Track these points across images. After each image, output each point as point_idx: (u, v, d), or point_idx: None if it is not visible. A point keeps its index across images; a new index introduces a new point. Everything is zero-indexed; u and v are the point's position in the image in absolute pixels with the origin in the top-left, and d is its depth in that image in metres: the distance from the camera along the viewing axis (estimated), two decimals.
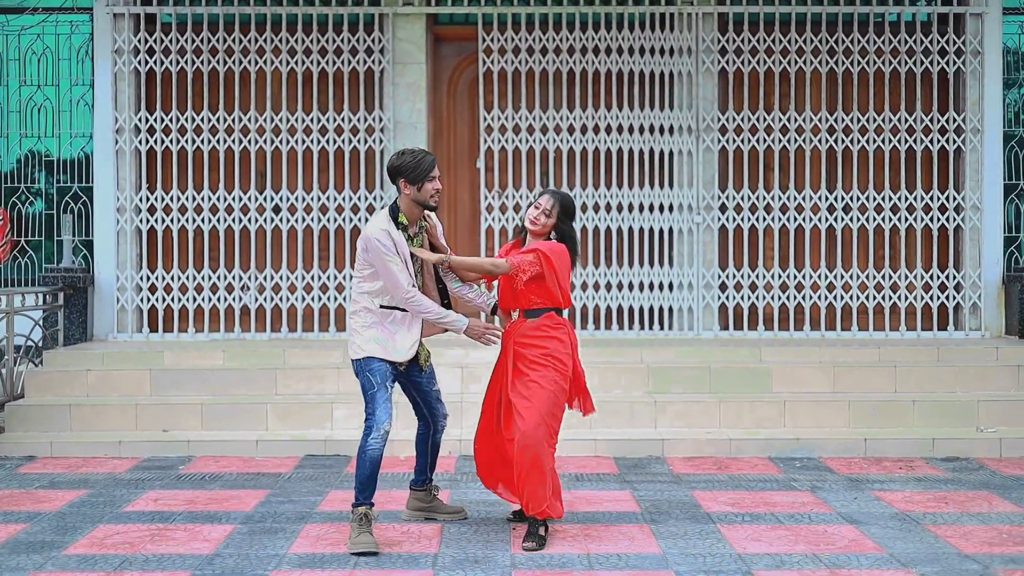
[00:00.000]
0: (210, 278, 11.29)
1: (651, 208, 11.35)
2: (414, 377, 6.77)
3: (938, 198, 11.40)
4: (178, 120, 11.29)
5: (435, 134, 11.60)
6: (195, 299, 11.29)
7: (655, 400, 9.51)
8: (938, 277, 11.41)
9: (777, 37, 11.35)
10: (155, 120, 11.28)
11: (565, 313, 6.76)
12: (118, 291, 11.21)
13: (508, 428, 6.61)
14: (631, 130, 11.36)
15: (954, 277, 11.39)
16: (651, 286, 11.36)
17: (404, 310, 6.49)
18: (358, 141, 11.32)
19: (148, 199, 11.30)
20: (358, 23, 11.34)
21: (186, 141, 11.28)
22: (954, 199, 11.40)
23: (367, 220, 11.16)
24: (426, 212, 6.61)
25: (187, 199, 11.27)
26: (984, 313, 11.34)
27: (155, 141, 11.29)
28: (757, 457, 9.03)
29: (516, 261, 6.55)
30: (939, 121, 11.39)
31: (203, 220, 11.28)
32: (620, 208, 11.32)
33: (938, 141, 11.40)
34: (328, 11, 11.28)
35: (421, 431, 7.00)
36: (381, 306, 6.49)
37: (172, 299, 11.30)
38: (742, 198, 11.35)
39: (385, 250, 6.34)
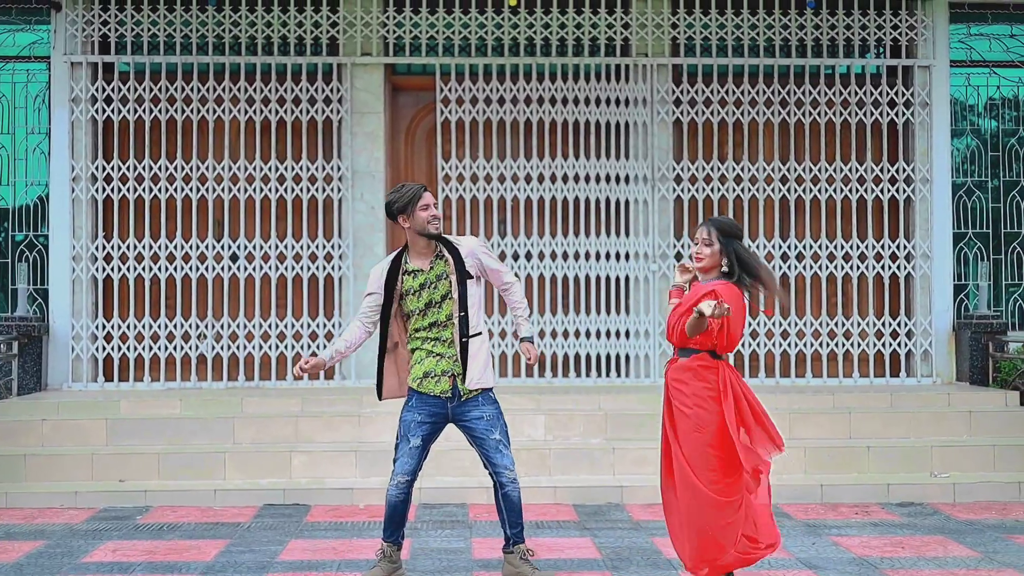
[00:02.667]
0: (167, 326, 11.25)
1: (607, 256, 11.45)
2: (466, 421, 6.49)
3: (889, 246, 11.58)
4: (135, 168, 11.28)
5: (393, 183, 11.65)
6: (151, 347, 11.24)
7: (613, 447, 9.56)
8: (890, 324, 11.57)
9: (730, 88, 11.54)
10: (112, 168, 11.26)
11: (729, 357, 6.15)
12: (73, 340, 11.14)
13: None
14: (587, 179, 11.48)
15: (905, 324, 11.57)
16: (608, 334, 11.44)
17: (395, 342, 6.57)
18: (316, 190, 11.36)
19: (104, 247, 11.26)
20: (316, 73, 11.41)
21: (143, 189, 11.27)
22: (904, 247, 11.59)
23: (324, 268, 11.23)
24: (451, 243, 6.53)
25: (144, 247, 11.25)
26: (935, 360, 11.51)
27: (112, 189, 11.27)
28: None
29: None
30: (889, 171, 11.61)
31: (160, 268, 11.25)
32: (577, 256, 11.42)
33: (888, 190, 11.60)
34: (287, 61, 11.34)
35: (494, 486, 6.57)
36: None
37: (128, 348, 11.24)
38: None
39: (368, 285, 6.58)
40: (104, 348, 11.25)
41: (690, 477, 5.97)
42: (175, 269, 11.27)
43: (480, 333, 6.49)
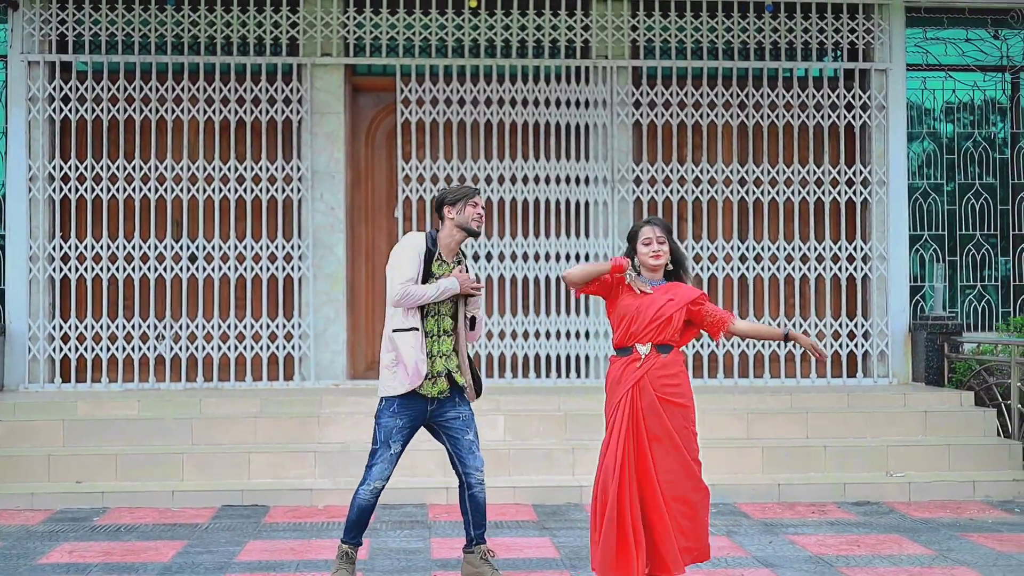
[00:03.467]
0: (125, 327, 11.18)
1: (567, 257, 11.48)
2: (441, 420, 6.49)
3: (846, 248, 11.68)
4: (93, 168, 11.21)
5: (353, 184, 11.65)
6: (109, 348, 11.17)
7: (573, 447, 9.58)
8: (847, 325, 11.67)
9: (690, 91, 11.60)
10: (70, 168, 11.19)
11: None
12: (30, 340, 11.05)
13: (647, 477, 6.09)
14: (547, 181, 11.51)
15: (862, 325, 11.66)
16: (568, 335, 11.47)
17: (414, 330, 6.38)
18: (276, 190, 11.33)
19: (62, 247, 11.18)
20: (276, 73, 11.39)
21: (101, 189, 11.20)
22: (861, 249, 11.69)
23: (284, 269, 11.21)
24: (456, 257, 6.57)
25: (102, 247, 11.18)
26: (892, 360, 11.61)
27: (69, 189, 11.19)
28: None
29: (720, 312, 6.28)
30: (846, 173, 11.71)
31: (118, 269, 11.19)
32: (537, 257, 11.44)
33: (845, 193, 11.70)
34: (246, 61, 11.31)
35: (460, 487, 6.58)
36: (393, 330, 6.42)
37: (86, 348, 11.17)
38: None
39: (411, 253, 6.38)
40: (61, 349, 11.17)
41: (694, 471, 6.11)
42: (133, 269, 11.21)
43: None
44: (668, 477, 6.04)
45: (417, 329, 6.37)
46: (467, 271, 6.58)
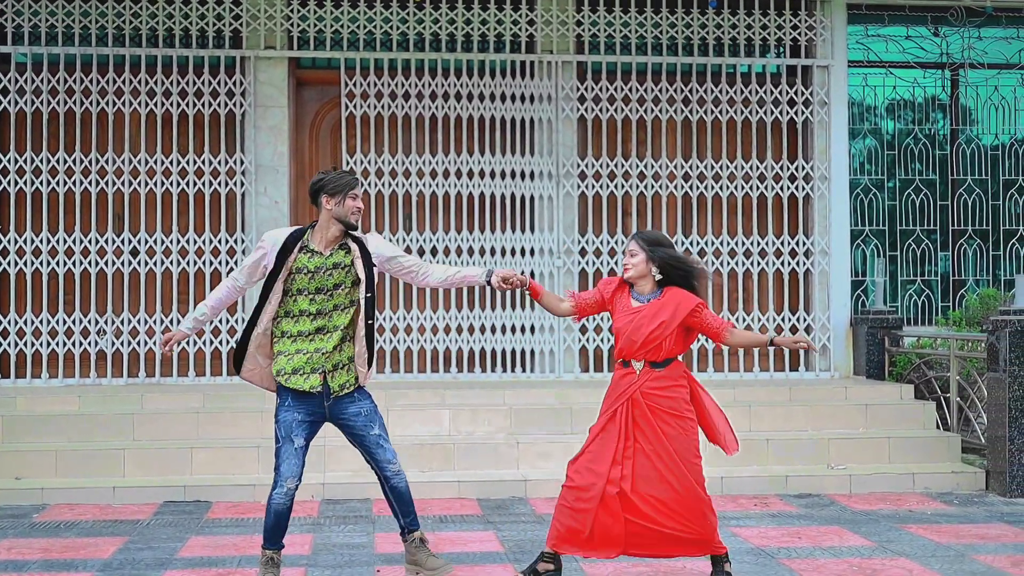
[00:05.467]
0: (65, 322, 11.05)
1: (513, 252, 11.49)
2: (343, 419, 6.30)
3: (788, 243, 11.78)
4: (32, 161, 11.06)
5: (297, 177, 11.58)
6: (50, 343, 11.04)
7: (518, 441, 9.60)
8: (789, 319, 11.77)
9: (634, 86, 11.64)
10: (8, 161, 11.04)
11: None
12: None
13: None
14: (493, 175, 11.51)
15: (804, 319, 11.77)
16: (513, 329, 11.48)
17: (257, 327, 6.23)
18: (219, 184, 11.24)
19: (1, 241, 11.03)
20: (219, 66, 11.30)
21: (41, 182, 11.06)
22: (804, 244, 11.79)
23: (227, 263, 11.13)
24: (357, 237, 6.31)
25: (41, 241, 11.04)
26: (833, 354, 11.72)
27: (8, 182, 11.04)
28: None
29: (726, 323, 6.37)
30: (788, 169, 11.80)
31: (58, 263, 11.05)
32: (482, 252, 11.44)
33: (788, 188, 11.80)
34: (189, 53, 11.21)
35: (379, 481, 6.46)
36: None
37: (25, 343, 11.03)
38: (601, 242, 11.57)
39: (260, 244, 6.28)
40: (1, 344, 11.02)
41: (687, 481, 6.31)
42: (74, 263, 11.08)
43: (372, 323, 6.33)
44: (648, 488, 6.17)
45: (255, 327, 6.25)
46: (353, 251, 6.25)
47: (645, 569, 6.13)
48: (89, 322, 11.08)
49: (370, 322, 6.26)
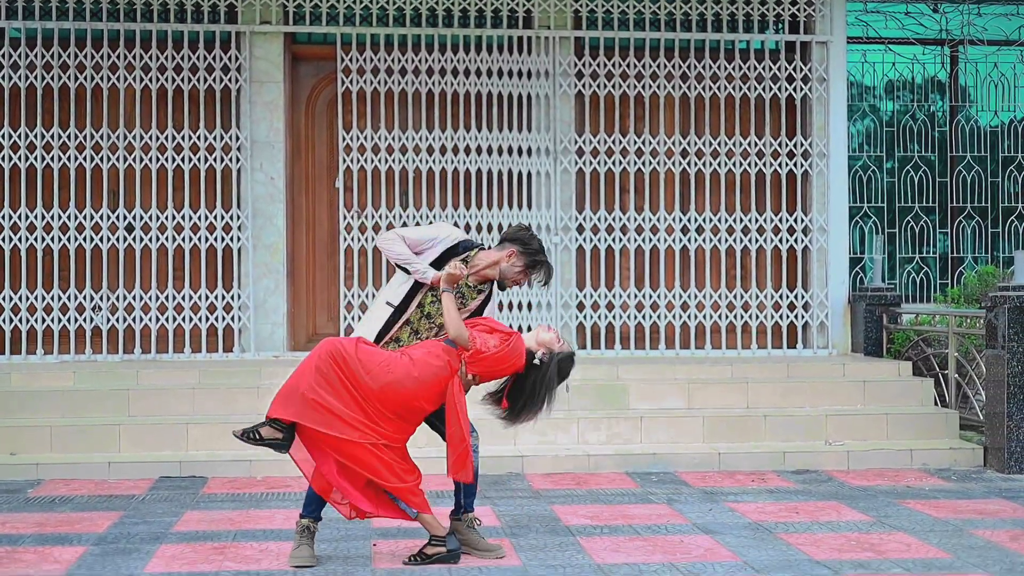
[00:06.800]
0: (60, 298, 11.00)
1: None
2: None
3: (786, 220, 11.72)
4: (27, 136, 11.00)
5: (293, 153, 11.52)
6: (44, 320, 10.99)
7: None
8: (787, 297, 11.73)
9: (632, 62, 11.58)
10: (3, 136, 10.97)
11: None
12: None
13: None
14: (490, 151, 11.45)
15: (802, 297, 11.73)
16: (511, 306, 11.43)
17: (391, 304, 6.39)
18: (214, 160, 11.18)
19: None
20: (214, 41, 11.21)
21: (35, 158, 11.00)
22: (802, 221, 11.74)
23: (223, 240, 11.08)
24: (481, 285, 6.52)
25: (36, 217, 10.98)
26: (831, 331, 11.68)
27: (3, 158, 10.98)
28: (615, 472, 9.16)
29: (478, 342, 6.23)
30: (787, 145, 11.74)
31: (53, 239, 11.00)
32: (479, 228, 11.38)
33: (786, 165, 11.74)
34: (183, 28, 11.13)
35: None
36: (387, 302, 6.45)
37: (20, 320, 10.98)
38: (599, 219, 11.53)
39: (435, 231, 6.43)
40: None
41: None
42: (69, 240, 11.02)
43: None
44: None
45: (394, 308, 6.36)
46: (475, 301, 6.50)
47: (661, 557, 6.10)
48: (84, 298, 11.03)
49: None
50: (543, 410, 6.45)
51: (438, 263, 6.40)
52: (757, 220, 11.70)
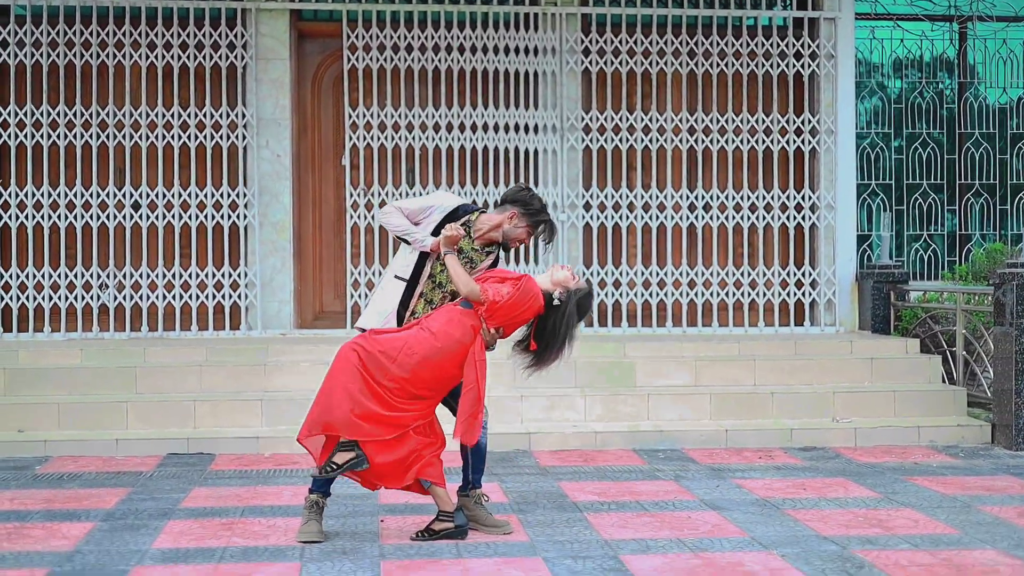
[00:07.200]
0: (67, 276, 11.01)
1: None
2: None
3: (794, 197, 11.68)
4: (33, 114, 10.97)
5: (299, 131, 11.50)
6: (51, 297, 10.99)
7: (521, 395, 9.56)
8: (795, 274, 11.70)
9: (639, 39, 11.52)
10: (8, 114, 10.95)
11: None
12: None
13: None
14: (496, 128, 11.42)
15: (810, 274, 11.69)
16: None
17: (401, 278, 6.40)
18: (220, 137, 11.15)
19: (1, 195, 10.97)
20: (220, 18, 11.18)
21: (41, 136, 10.98)
22: (809, 198, 11.69)
23: (229, 217, 11.07)
24: (488, 248, 6.52)
25: (42, 195, 10.97)
26: (839, 309, 11.66)
27: (9, 136, 10.96)
28: (622, 449, 9.17)
29: (489, 293, 6.18)
30: (795, 122, 11.68)
31: (59, 216, 10.99)
32: (486, 206, 11.32)
33: (794, 142, 11.69)
34: (189, 4, 11.09)
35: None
36: (395, 276, 6.45)
37: (27, 298, 10.98)
38: (606, 196, 11.49)
39: (432, 201, 6.42)
40: (2, 298, 10.98)
41: None
42: (76, 218, 11.02)
43: None
44: None
45: (405, 281, 6.35)
46: (484, 263, 6.49)
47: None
48: (91, 276, 11.03)
49: None
50: (567, 350, 6.41)
51: (438, 231, 6.38)
52: (765, 197, 11.66)
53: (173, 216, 11.11)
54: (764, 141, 11.66)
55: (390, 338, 6.19)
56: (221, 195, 11.14)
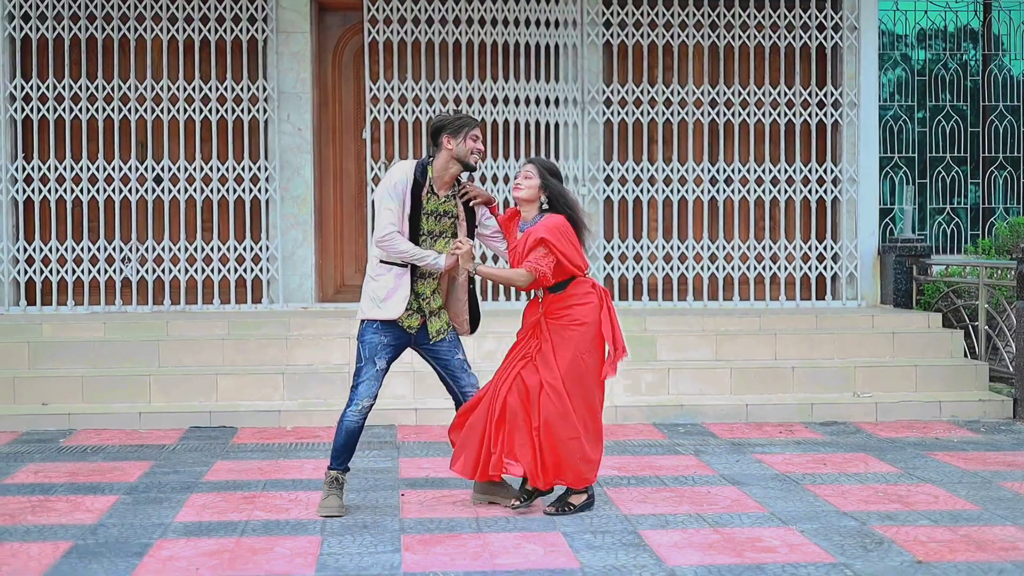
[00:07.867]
0: (90, 249, 11.06)
1: None
2: (427, 345, 6.45)
3: (816, 171, 11.63)
4: (55, 88, 11.02)
5: (320, 104, 11.50)
6: (74, 271, 11.06)
7: None
8: (816, 248, 11.66)
9: (660, 11, 11.46)
10: (31, 88, 10.99)
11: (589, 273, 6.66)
12: None
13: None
14: (517, 102, 11.39)
15: (831, 248, 11.65)
16: None
17: (403, 266, 6.30)
18: (241, 111, 11.17)
19: (25, 169, 11.02)
20: None
21: (64, 109, 11.02)
22: (831, 172, 11.63)
23: (251, 191, 11.09)
24: (453, 190, 6.42)
25: (65, 169, 11.02)
26: (860, 283, 11.61)
27: (31, 109, 11.01)
28: (642, 424, 9.18)
29: (533, 266, 6.22)
30: (817, 95, 11.61)
31: (82, 190, 11.04)
32: (507, 180, 11.34)
33: (816, 115, 11.62)
34: None
35: (457, 407, 6.56)
36: (381, 261, 6.33)
37: (51, 271, 11.05)
38: (627, 170, 11.47)
39: (390, 186, 6.23)
40: (26, 271, 11.05)
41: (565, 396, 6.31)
42: (98, 191, 11.07)
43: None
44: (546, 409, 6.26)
45: (404, 266, 6.31)
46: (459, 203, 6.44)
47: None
48: (114, 250, 11.09)
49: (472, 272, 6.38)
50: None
51: (415, 205, 6.26)
52: (786, 171, 11.61)
53: (195, 190, 11.14)
54: (786, 114, 11.60)
55: (524, 366, 6.33)
56: (242, 169, 11.17)
